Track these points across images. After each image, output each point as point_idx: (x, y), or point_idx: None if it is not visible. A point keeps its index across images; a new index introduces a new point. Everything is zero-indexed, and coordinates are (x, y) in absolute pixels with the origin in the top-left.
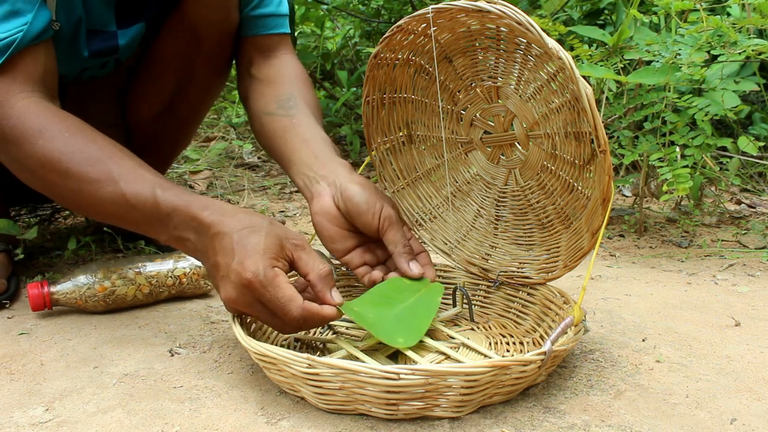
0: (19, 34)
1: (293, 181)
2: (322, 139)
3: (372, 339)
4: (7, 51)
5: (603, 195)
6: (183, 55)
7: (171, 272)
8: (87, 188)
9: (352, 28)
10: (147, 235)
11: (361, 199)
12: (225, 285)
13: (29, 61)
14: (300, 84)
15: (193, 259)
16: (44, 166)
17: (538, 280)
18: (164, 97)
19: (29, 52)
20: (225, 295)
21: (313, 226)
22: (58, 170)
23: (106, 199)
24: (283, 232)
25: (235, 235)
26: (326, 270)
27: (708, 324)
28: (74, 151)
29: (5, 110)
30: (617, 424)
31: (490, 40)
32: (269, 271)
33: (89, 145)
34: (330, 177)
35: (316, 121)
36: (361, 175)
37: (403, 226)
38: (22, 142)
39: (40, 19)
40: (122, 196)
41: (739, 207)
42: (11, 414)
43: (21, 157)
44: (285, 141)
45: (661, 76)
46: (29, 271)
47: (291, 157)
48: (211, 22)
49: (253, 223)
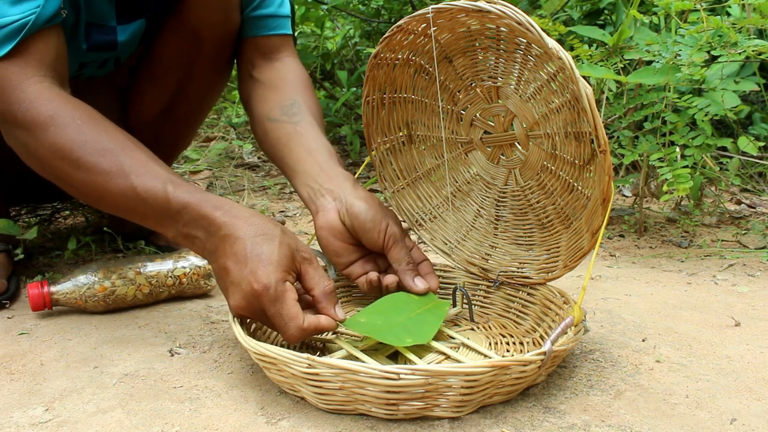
0: (32, 17)
1: (296, 191)
2: (327, 149)
3: (372, 339)
4: (21, 33)
5: (603, 195)
6: (184, 55)
7: (171, 272)
8: (97, 179)
9: (352, 28)
10: (154, 229)
11: (367, 216)
12: (234, 292)
13: (41, 44)
14: (303, 89)
15: (194, 260)
16: (55, 153)
17: (538, 280)
18: (165, 98)
19: (42, 35)
20: (234, 302)
21: (318, 240)
22: (68, 159)
23: (116, 191)
24: (294, 242)
25: (249, 242)
26: (331, 287)
27: (708, 324)
28: (86, 141)
29: (18, 94)
30: (617, 424)
31: (490, 40)
32: (280, 286)
33: (101, 134)
34: (335, 191)
35: (320, 130)
36: (365, 189)
37: (405, 238)
38: (33, 128)
39: (52, 2)
40: (133, 190)
41: (739, 207)
42: (11, 414)
43: (31, 143)
44: (289, 150)
45: (661, 76)
46: (29, 271)
47: (295, 167)
48: (211, 24)
49: (266, 230)
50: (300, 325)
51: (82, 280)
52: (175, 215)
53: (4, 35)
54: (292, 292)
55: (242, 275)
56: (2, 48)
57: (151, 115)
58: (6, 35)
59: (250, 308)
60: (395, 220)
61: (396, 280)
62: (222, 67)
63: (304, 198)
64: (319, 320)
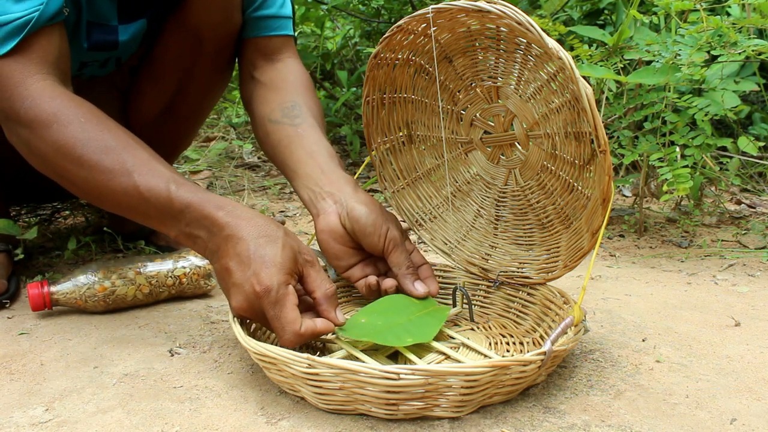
0: (36, 14)
1: (297, 193)
2: (328, 152)
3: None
4: (24, 30)
5: (603, 195)
6: (185, 55)
7: (171, 272)
8: (100, 177)
9: (352, 28)
10: (157, 229)
11: (368, 221)
12: (237, 293)
13: (44, 42)
14: (304, 90)
15: (194, 260)
16: (57, 151)
17: (538, 280)
18: (165, 98)
19: (44, 32)
20: (236, 303)
21: (318, 244)
22: (71, 157)
23: (119, 190)
24: (297, 244)
25: (252, 244)
26: (332, 290)
27: (708, 324)
28: (89, 139)
29: (21, 91)
30: (617, 424)
31: (490, 40)
32: (282, 289)
33: (104, 133)
34: (336, 195)
35: (321, 132)
36: (366, 193)
37: (405, 241)
38: (35, 125)
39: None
40: (135, 188)
41: (739, 207)
42: (11, 414)
43: (34, 141)
44: (291, 152)
45: (661, 76)
46: (29, 271)
47: (296, 169)
48: (213, 24)
49: (269, 231)
50: (296, 330)
51: (82, 280)
52: (177, 215)
53: (7, 32)
54: (293, 296)
55: (245, 277)
56: (5, 45)
57: (151, 115)
58: (9, 32)
59: (251, 309)
60: (396, 223)
61: (394, 284)
62: (223, 67)
63: (305, 200)
64: (316, 325)
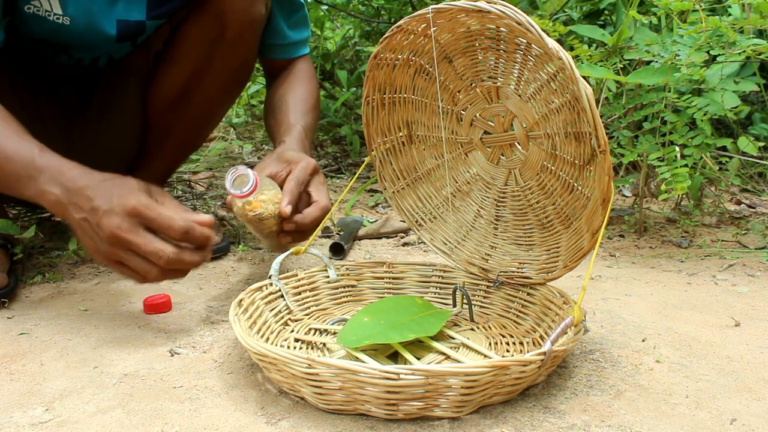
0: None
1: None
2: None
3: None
4: None
5: (603, 195)
6: (205, 40)
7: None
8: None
9: (352, 28)
10: (14, 192)
11: (292, 156)
12: (109, 217)
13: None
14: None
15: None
16: None
17: (538, 280)
18: (181, 81)
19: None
20: (108, 224)
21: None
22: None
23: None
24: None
25: (108, 182)
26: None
27: (708, 324)
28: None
29: None
30: (617, 424)
31: (490, 40)
32: (150, 199)
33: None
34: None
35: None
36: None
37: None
38: None
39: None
40: (2, 150)
41: (739, 207)
42: (11, 414)
43: None
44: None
45: (660, 76)
46: (29, 270)
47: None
48: (236, 9)
49: (117, 176)
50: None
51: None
52: (35, 173)
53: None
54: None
55: (113, 202)
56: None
57: (167, 100)
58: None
59: (126, 226)
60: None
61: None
62: (241, 58)
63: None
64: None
